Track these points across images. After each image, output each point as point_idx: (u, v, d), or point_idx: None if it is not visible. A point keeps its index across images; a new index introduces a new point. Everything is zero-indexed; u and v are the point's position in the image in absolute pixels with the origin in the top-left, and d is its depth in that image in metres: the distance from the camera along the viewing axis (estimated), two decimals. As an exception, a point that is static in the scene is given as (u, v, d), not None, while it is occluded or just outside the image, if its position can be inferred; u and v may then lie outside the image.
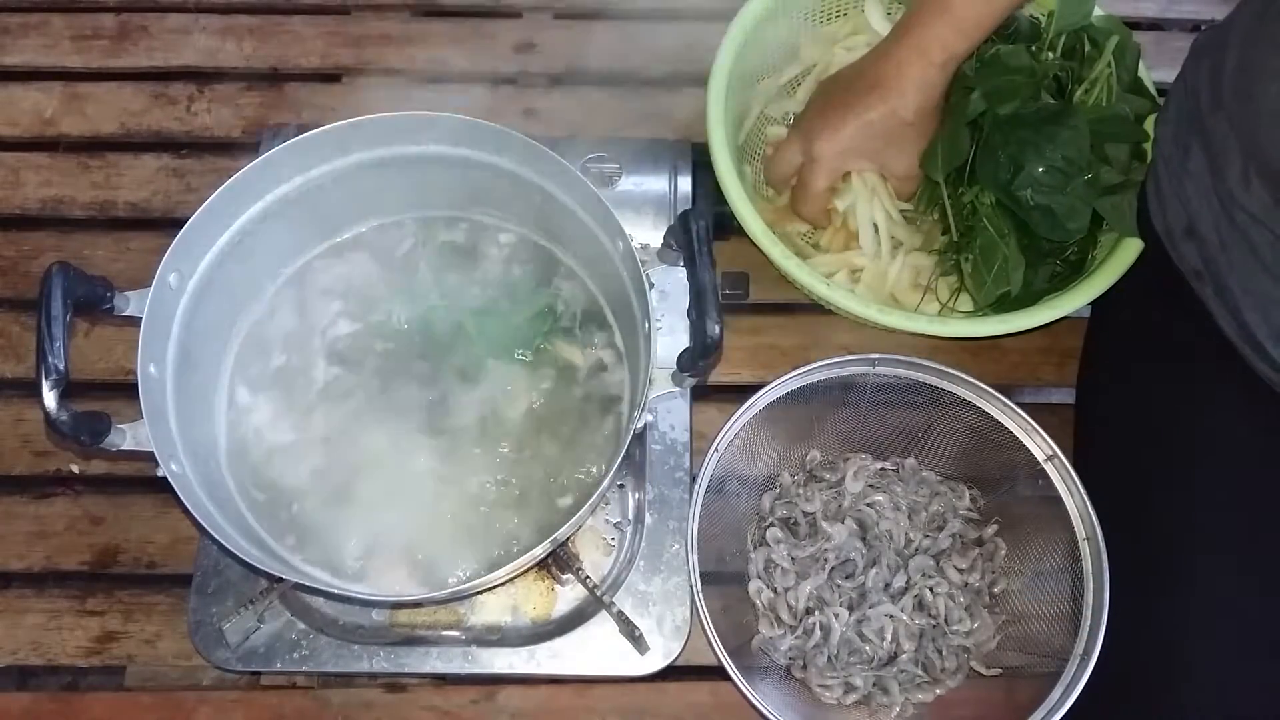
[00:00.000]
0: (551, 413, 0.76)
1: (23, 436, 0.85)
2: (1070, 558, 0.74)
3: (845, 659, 0.76)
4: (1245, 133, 0.68)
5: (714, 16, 0.89)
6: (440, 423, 0.75)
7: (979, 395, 0.78)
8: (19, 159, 0.96)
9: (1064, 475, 0.75)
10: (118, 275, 0.67)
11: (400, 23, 1.04)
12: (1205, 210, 0.72)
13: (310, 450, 0.74)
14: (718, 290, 0.63)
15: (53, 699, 0.78)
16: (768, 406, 0.77)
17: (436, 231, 0.81)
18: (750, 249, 0.82)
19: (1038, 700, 0.70)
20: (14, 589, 0.81)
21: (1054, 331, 0.87)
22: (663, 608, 0.76)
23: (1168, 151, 0.77)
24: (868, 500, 0.79)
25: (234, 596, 0.74)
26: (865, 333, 0.88)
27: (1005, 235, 0.79)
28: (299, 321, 0.78)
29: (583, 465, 0.75)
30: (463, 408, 0.75)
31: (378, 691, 0.77)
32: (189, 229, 0.68)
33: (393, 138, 0.73)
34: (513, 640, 0.75)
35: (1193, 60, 0.77)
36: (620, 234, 0.70)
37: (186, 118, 0.98)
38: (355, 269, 0.80)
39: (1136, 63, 0.84)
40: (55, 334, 0.60)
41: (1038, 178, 0.76)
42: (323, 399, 0.76)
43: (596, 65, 1.02)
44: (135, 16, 1.03)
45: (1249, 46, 0.68)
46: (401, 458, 0.74)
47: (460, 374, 0.77)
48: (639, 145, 0.89)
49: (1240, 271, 0.70)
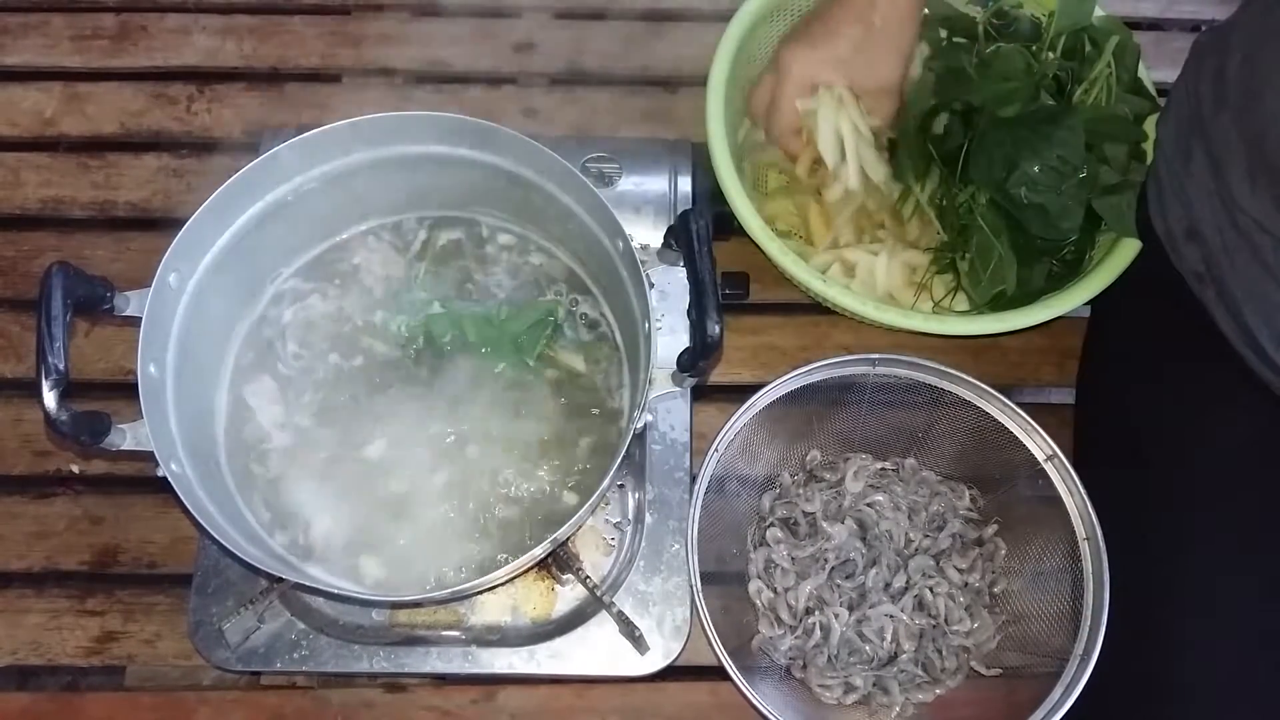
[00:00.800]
0: (551, 413, 0.76)
1: (23, 436, 0.85)
2: (1070, 558, 0.74)
3: (845, 659, 0.76)
4: (1251, 133, 0.67)
5: (714, 16, 0.89)
6: (441, 423, 0.75)
7: (979, 395, 0.78)
8: (19, 159, 0.96)
9: (1064, 475, 0.75)
10: (118, 275, 0.67)
11: (400, 23, 1.04)
12: (1207, 212, 0.72)
13: (310, 450, 0.74)
14: (718, 290, 0.63)
15: (53, 699, 0.78)
16: (768, 406, 0.77)
17: (437, 231, 0.81)
18: (750, 249, 0.82)
19: (1038, 700, 0.70)
20: (14, 589, 0.81)
21: (1054, 331, 0.87)
22: (663, 608, 0.76)
23: (1169, 153, 0.77)
24: (868, 500, 0.79)
25: (234, 596, 0.74)
26: (865, 332, 0.88)
27: (1000, 235, 0.79)
28: (299, 322, 0.78)
29: (582, 465, 0.75)
30: (463, 408, 0.75)
31: (378, 691, 0.77)
32: (189, 229, 0.68)
33: (393, 138, 0.73)
34: (513, 640, 0.75)
35: (1194, 61, 0.77)
36: (620, 234, 0.70)
37: (186, 118, 0.98)
38: (355, 269, 0.80)
39: (1136, 63, 0.84)
40: (55, 334, 0.60)
41: (1032, 176, 0.77)
42: (323, 400, 0.76)
43: (596, 65, 1.02)
44: (135, 16, 1.03)
45: (1256, 46, 0.68)
46: (401, 458, 0.74)
47: (461, 374, 0.77)
48: (639, 145, 0.89)
49: (1242, 274, 0.69)
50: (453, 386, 0.76)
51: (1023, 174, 0.76)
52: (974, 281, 0.81)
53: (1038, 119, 0.78)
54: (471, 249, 0.81)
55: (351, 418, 0.75)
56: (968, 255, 0.81)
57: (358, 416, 0.75)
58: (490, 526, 0.73)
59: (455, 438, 0.74)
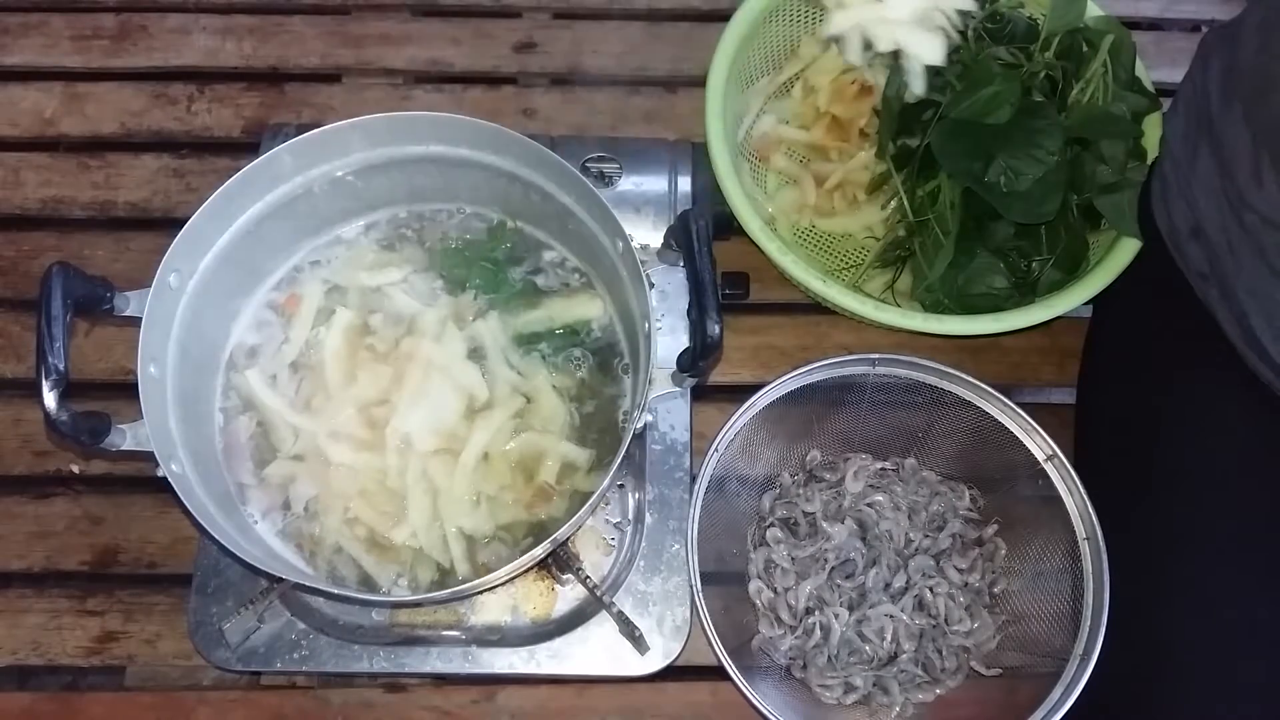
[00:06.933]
0: (549, 413, 0.76)
1: (23, 436, 0.85)
2: (1070, 558, 0.74)
3: (845, 659, 0.76)
4: (1263, 124, 0.67)
5: (713, 16, 0.89)
6: (441, 424, 0.75)
7: (979, 395, 0.78)
8: (19, 159, 0.96)
9: (1064, 475, 0.75)
10: (118, 275, 0.67)
11: (400, 23, 1.04)
12: (1213, 211, 0.72)
13: (310, 450, 0.74)
14: (718, 290, 0.63)
15: (53, 699, 0.78)
16: (768, 406, 0.77)
17: (437, 231, 0.81)
18: (750, 249, 0.82)
19: (1038, 700, 0.70)
20: (14, 589, 0.81)
21: (1054, 331, 0.87)
22: (663, 608, 0.76)
23: (1175, 152, 0.77)
24: (868, 500, 0.79)
25: (234, 596, 0.74)
26: (865, 332, 0.88)
27: (948, 233, 0.81)
28: (299, 321, 0.78)
29: (583, 465, 0.75)
30: (463, 409, 0.75)
31: (378, 691, 0.77)
32: (189, 229, 0.68)
33: (393, 138, 0.73)
34: (513, 640, 0.75)
35: (1201, 59, 0.77)
36: (620, 234, 0.70)
37: (186, 118, 0.98)
38: (355, 267, 0.80)
39: (1133, 61, 0.84)
40: (55, 334, 0.60)
41: (1011, 166, 0.78)
42: (324, 399, 0.75)
43: (596, 65, 1.02)
44: (135, 16, 1.03)
45: (1270, 33, 0.67)
46: (402, 458, 0.74)
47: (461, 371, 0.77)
48: (639, 145, 0.90)
49: (1247, 274, 0.69)
50: (453, 384, 0.76)
51: (999, 165, 0.78)
52: (916, 271, 0.83)
53: (1017, 114, 0.79)
54: (471, 249, 0.81)
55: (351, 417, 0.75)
56: (923, 242, 0.83)
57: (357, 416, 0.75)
58: (491, 527, 0.72)
59: (456, 439, 0.74)
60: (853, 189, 0.90)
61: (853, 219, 0.90)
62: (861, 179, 0.89)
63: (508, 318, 0.77)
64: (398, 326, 0.77)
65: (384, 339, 0.76)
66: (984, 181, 0.78)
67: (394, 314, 0.77)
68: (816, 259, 0.91)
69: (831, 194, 0.90)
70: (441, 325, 0.76)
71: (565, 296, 0.79)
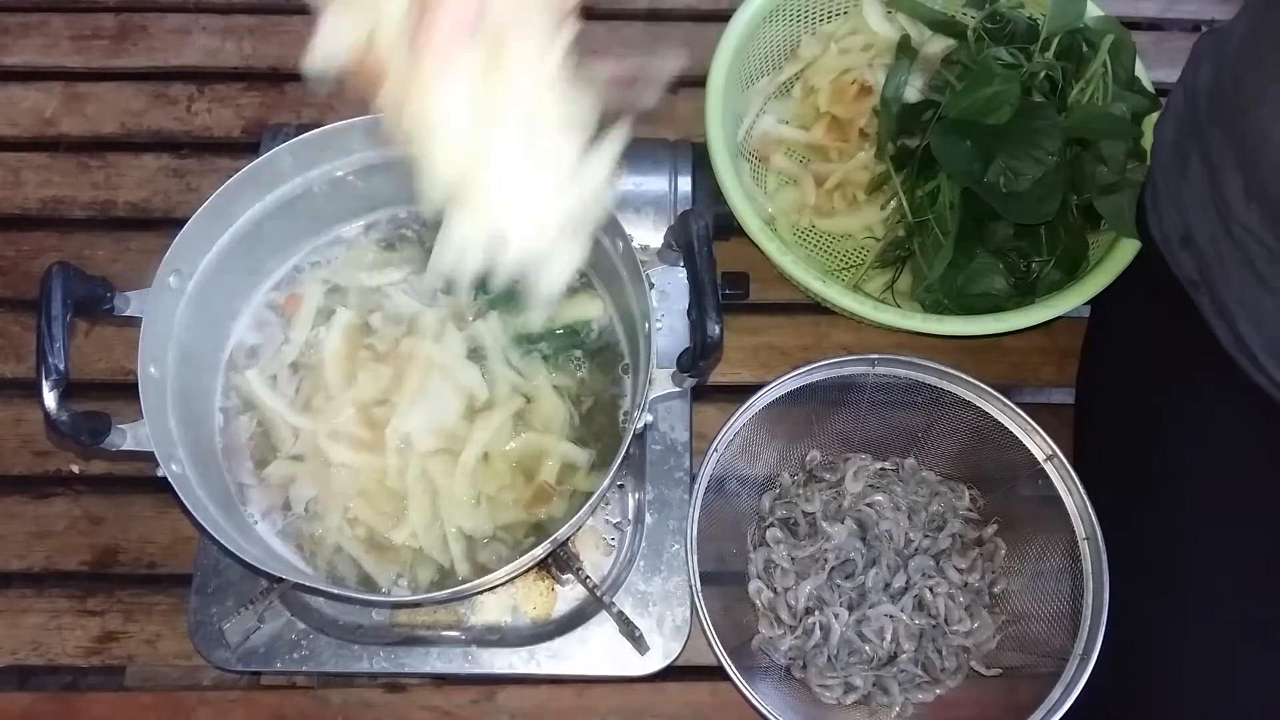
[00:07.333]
0: (550, 413, 0.76)
1: (23, 436, 0.85)
2: (1070, 558, 0.74)
3: (845, 659, 0.76)
4: (1242, 151, 0.67)
5: (713, 16, 0.89)
6: (441, 424, 0.75)
7: (979, 395, 0.78)
8: (19, 159, 0.96)
9: (1064, 475, 0.75)
10: (118, 275, 0.67)
11: (400, 23, 1.03)
12: (1202, 221, 0.72)
13: (310, 450, 0.74)
14: (718, 290, 0.63)
15: (53, 699, 0.78)
16: (767, 406, 0.77)
17: (436, 230, 0.81)
18: (750, 249, 0.82)
19: (1038, 700, 0.70)
20: (14, 589, 0.81)
21: (1054, 331, 0.87)
22: (663, 608, 0.76)
23: (1166, 159, 0.76)
24: (868, 500, 0.79)
25: (234, 596, 0.74)
26: (865, 333, 0.88)
27: (948, 233, 0.80)
28: (299, 321, 0.78)
29: (583, 465, 0.75)
30: (463, 409, 0.75)
31: (378, 691, 0.77)
32: (189, 229, 0.68)
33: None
34: (513, 640, 0.75)
35: (1193, 64, 0.76)
36: (620, 234, 0.70)
37: (186, 118, 0.98)
38: (355, 267, 0.80)
39: (1133, 61, 0.84)
40: (55, 334, 0.60)
41: (1010, 166, 0.78)
42: (324, 400, 0.75)
43: (595, 65, 1.02)
44: (135, 16, 1.03)
45: (1247, 67, 0.67)
46: (401, 459, 0.74)
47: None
48: (639, 145, 0.89)
49: (1236, 283, 0.69)
50: (454, 384, 0.76)
51: (1000, 165, 0.78)
52: (916, 271, 0.83)
53: (1016, 115, 0.79)
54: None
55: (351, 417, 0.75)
56: (923, 243, 0.83)
57: (357, 416, 0.75)
58: (491, 527, 0.72)
59: (457, 438, 0.74)
60: (852, 189, 0.90)
61: (852, 219, 0.90)
62: (861, 179, 0.89)
63: (508, 318, 0.77)
64: (398, 326, 0.77)
65: (384, 339, 0.76)
66: (983, 182, 0.78)
67: (394, 314, 0.77)
68: (816, 259, 0.91)
69: (831, 194, 0.90)
70: (441, 325, 0.76)
71: (565, 296, 0.79)
